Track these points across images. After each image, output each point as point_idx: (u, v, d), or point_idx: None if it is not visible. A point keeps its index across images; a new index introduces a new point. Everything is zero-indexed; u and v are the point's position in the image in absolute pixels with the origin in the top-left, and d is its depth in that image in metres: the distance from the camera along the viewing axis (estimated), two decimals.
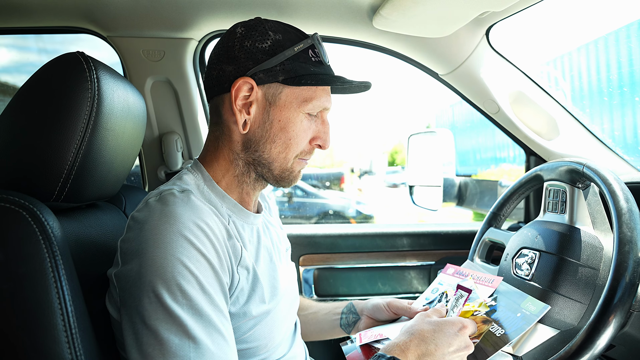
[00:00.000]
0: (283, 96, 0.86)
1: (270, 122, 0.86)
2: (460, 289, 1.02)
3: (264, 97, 0.86)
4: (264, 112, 0.86)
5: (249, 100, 0.85)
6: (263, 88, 0.86)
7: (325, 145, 0.93)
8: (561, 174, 1.07)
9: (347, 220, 7.86)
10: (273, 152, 0.87)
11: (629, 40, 3.06)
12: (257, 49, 0.84)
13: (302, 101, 0.87)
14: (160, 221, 0.71)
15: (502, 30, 1.44)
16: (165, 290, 0.66)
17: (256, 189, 0.94)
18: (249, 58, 0.84)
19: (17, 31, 1.46)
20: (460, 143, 9.02)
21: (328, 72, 0.90)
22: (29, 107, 0.76)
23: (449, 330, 0.87)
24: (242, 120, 0.86)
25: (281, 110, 0.86)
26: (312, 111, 0.88)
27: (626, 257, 0.80)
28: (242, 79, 0.84)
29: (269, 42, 0.85)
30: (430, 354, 0.83)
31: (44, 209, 0.65)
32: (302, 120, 0.88)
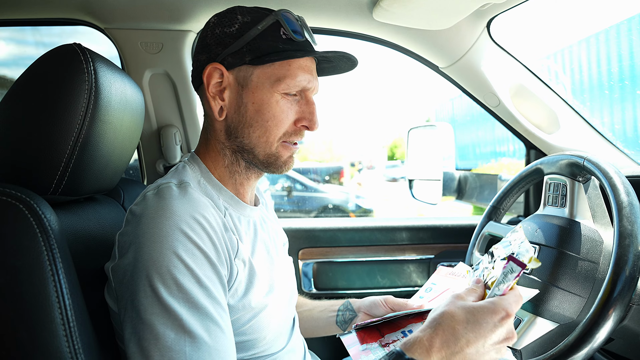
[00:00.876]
0: (254, 78, 0.85)
1: (245, 106, 0.85)
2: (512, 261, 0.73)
3: (236, 81, 0.86)
4: (238, 96, 0.86)
5: (222, 86, 0.86)
6: (234, 72, 0.85)
7: (312, 126, 0.89)
8: (562, 167, 1.06)
9: (347, 214, 7.87)
10: (253, 136, 0.86)
11: (630, 34, 3.05)
12: (225, 33, 0.85)
13: (274, 81, 0.84)
14: (157, 214, 0.71)
15: (503, 23, 1.43)
16: (162, 284, 0.66)
17: (250, 179, 0.93)
18: (218, 44, 0.85)
19: (14, 23, 1.45)
20: (460, 137, 9.02)
21: (301, 49, 0.86)
22: (25, 99, 0.75)
23: (488, 321, 0.68)
24: (217, 107, 0.87)
25: (253, 92, 0.85)
26: (288, 90, 0.85)
27: (626, 250, 0.80)
28: (211, 65, 0.85)
29: (236, 25, 0.84)
30: (460, 351, 0.67)
31: (42, 202, 0.65)
32: (278, 101, 0.85)
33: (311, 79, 0.88)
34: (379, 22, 1.34)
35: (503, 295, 0.72)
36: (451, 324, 0.69)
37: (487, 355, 0.69)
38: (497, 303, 0.70)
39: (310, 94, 0.90)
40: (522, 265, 0.71)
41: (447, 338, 0.68)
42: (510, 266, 0.71)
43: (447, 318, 0.70)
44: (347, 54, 0.90)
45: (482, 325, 0.68)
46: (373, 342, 0.94)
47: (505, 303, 0.70)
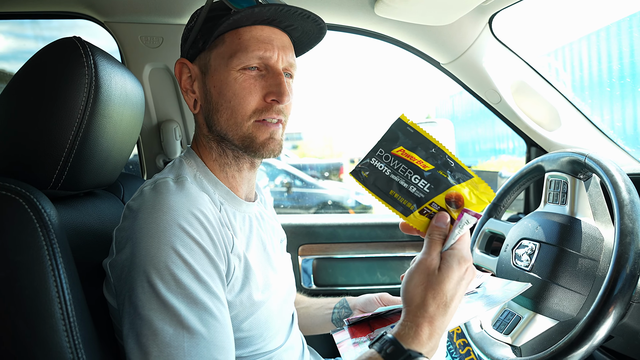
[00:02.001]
0: (212, 61, 0.86)
1: (209, 92, 0.86)
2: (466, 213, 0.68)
3: (200, 71, 0.88)
4: (203, 85, 0.88)
5: (192, 79, 0.89)
6: (196, 62, 0.88)
7: (280, 97, 0.83)
8: (563, 164, 1.06)
9: (346, 210, 7.87)
10: (222, 120, 0.85)
11: (631, 31, 3.04)
12: (187, 29, 0.89)
13: (227, 58, 0.83)
14: (155, 210, 0.71)
15: (505, 19, 1.43)
16: (159, 279, 0.66)
17: (242, 170, 0.92)
18: (184, 42, 0.90)
19: (13, 16, 1.44)
20: (460, 134, 9.00)
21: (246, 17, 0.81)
22: (25, 93, 0.75)
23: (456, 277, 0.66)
24: (191, 100, 0.90)
25: (213, 75, 0.86)
26: (243, 64, 0.82)
27: (627, 248, 0.80)
28: (178, 61, 0.89)
29: (195, 19, 0.88)
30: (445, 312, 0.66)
31: (41, 197, 0.64)
32: (236, 78, 0.83)
33: (268, 47, 0.83)
34: (380, 17, 1.33)
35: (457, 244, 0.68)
36: (430, 300, 0.66)
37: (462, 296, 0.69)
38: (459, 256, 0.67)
39: (275, 64, 0.85)
40: (476, 215, 0.67)
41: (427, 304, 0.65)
42: (466, 218, 0.67)
43: (426, 296, 0.66)
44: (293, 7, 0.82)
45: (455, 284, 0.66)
46: (362, 336, 0.94)
47: (464, 252, 0.68)
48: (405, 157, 0.70)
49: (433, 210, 0.70)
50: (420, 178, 0.69)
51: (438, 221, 0.69)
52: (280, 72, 0.85)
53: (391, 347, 0.64)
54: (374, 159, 0.71)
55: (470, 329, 1.09)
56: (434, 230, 0.69)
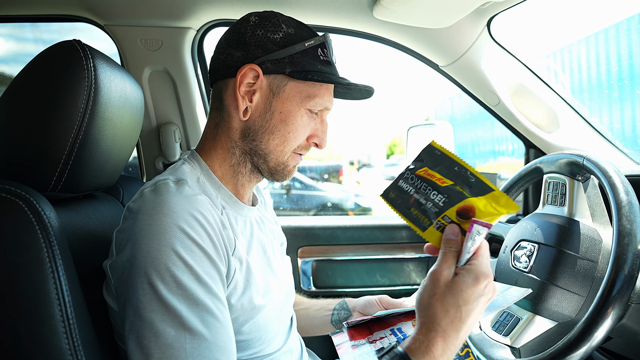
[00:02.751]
0: (287, 89, 0.86)
1: (272, 113, 0.87)
2: (476, 224, 0.66)
3: (268, 87, 0.87)
4: (267, 101, 0.87)
5: (252, 88, 0.86)
6: (269, 78, 0.86)
7: (322, 144, 0.93)
8: (561, 166, 1.06)
9: (346, 212, 7.87)
10: (271, 143, 0.88)
11: (630, 33, 3.05)
12: (269, 39, 0.85)
13: (305, 96, 0.87)
14: (154, 211, 0.71)
15: (504, 22, 1.43)
16: (160, 281, 0.66)
17: (251, 181, 0.94)
18: (259, 46, 0.85)
19: (13, 19, 1.44)
20: (459, 136, 9.01)
21: (334, 73, 0.91)
22: (24, 96, 0.75)
23: (474, 292, 0.65)
24: (243, 106, 0.87)
25: (284, 102, 0.86)
26: (313, 108, 0.88)
27: (625, 249, 0.80)
28: (249, 65, 0.84)
29: (281, 33, 0.85)
30: (461, 327, 0.65)
31: (41, 199, 0.64)
32: (303, 116, 0.88)
33: (332, 100, 0.93)
34: (379, 20, 1.34)
35: (474, 258, 0.67)
36: (443, 314, 0.65)
37: (480, 314, 0.68)
38: (476, 272, 0.66)
39: (326, 114, 0.94)
40: (487, 225, 0.66)
41: (438, 319, 0.65)
42: (476, 229, 0.66)
43: (438, 309, 0.65)
44: (370, 88, 0.94)
45: (472, 300, 0.65)
46: (361, 338, 0.95)
47: (483, 267, 0.67)
48: (427, 176, 0.72)
49: (445, 223, 0.69)
50: (437, 193, 0.70)
51: (447, 233, 0.68)
52: (327, 123, 0.95)
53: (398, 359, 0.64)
54: (401, 181, 0.75)
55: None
56: (444, 243, 0.68)
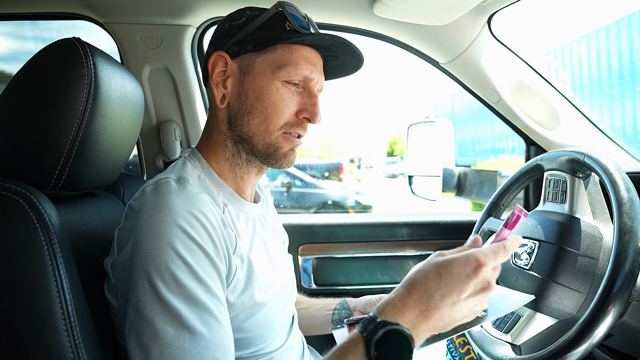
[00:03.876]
0: (256, 65, 0.86)
1: (246, 93, 0.86)
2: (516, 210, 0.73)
3: (239, 69, 0.87)
4: (240, 84, 0.87)
5: (226, 75, 0.88)
6: (237, 60, 0.87)
7: (313, 118, 0.88)
8: (562, 163, 1.06)
9: (346, 210, 7.87)
10: (252, 124, 0.86)
11: (630, 30, 3.04)
12: (232, 25, 0.88)
13: (275, 68, 0.85)
14: (155, 210, 0.71)
15: (504, 19, 1.43)
16: (160, 280, 0.66)
17: (250, 173, 0.93)
18: (225, 36, 0.88)
19: (13, 17, 1.44)
20: (460, 133, 9.01)
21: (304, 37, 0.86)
22: (24, 94, 0.75)
23: (460, 272, 0.66)
24: (220, 95, 0.88)
25: (254, 79, 0.86)
26: (289, 78, 0.85)
27: (626, 246, 0.80)
28: (216, 53, 0.87)
29: (244, 18, 0.87)
30: (435, 307, 0.65)
31: (41, 197, 0.64)
32: (279, 89, 0.85)
33: (314, 69, 0.88)
34: (379, 17, 1.34)
35: (496, 242, 0.73)
36: (424, 281, 0.67)
37: (466, 308, 0.68)
38: (470, 254, 0.68)
39: (313, 86, 0.90)
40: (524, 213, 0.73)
41: (420, 296, 0.65)
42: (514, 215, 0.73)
43: (419, 277, 0.68)
44: (349, 42, 0.88)
45: (455, 277, 0.66)
46: None
47: (479, 253, 0.68)
48: None
49: None
50: None
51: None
52: (317, 95, 0.90)
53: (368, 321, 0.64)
54: None
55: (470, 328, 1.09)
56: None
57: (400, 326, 0.62)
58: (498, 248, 0.71)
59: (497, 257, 0.70)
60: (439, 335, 0.75)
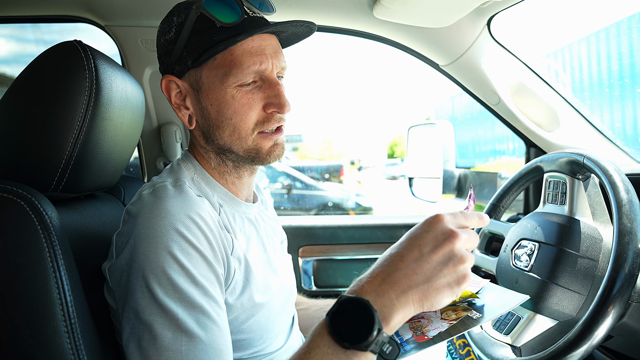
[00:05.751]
0: (204, 79, 0.81)
1: (206, 109, 0.83)
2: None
3: (191, 88, 0.84)
4: (197, 101, 0.84)
5: (183, 95, 0.85)
6: (186, 78, 0.83)
7: (281, 108, 0.82)
8: (561, 165, 1.06)
9: (346, 212, 7.87)
10: (225, 136, 0.84)
11: (631, 32, 3.05)
12: (167, 41, 0.82)
13: (222, 76, 0.79)
14: (152, 215, 0.71)
15: (504, 21, 1.43)
16: (157, 284, 0.66)
17: (242, 177, 0.91)
18: (165, 54, 0.84)
19: (14, 20, 1.45)
20: (460, 135, 9.01)
21: (238, 32, 0.78)
22: (26, 96, 0.75)
23: (416, 231, 0.63)
24: (185, 117, 0.86)
25: (207, 94, 0.81)
26: (240, 81, 0.80)
27: (626, 248, 0.80)
28: (164, 78, 0.84)
29: (173, 29, 0.81)
30: (396, 269, 0.60)
31: (43, 199, 0.65)
32: (234, 95, 0.80)
33: (263, 59, 0.80)
34: (379, 19, 1.34)
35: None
36: (386, 253, 0.64)
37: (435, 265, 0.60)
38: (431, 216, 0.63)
39: (271, 74, 0.83)
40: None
41: (381, 264, 0.62)
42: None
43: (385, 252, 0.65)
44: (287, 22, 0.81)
45: (412, 236, 0.62)
46: None
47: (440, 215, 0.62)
48: None
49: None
50: None
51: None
52: (277, 82, 0.83)
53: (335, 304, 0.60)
54: None
55: (470, 330, 1.09)
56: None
57: (357, 296, 0.58)
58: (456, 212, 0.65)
59: (456, 216, 0.63)
60: (432, 339, 0.73)
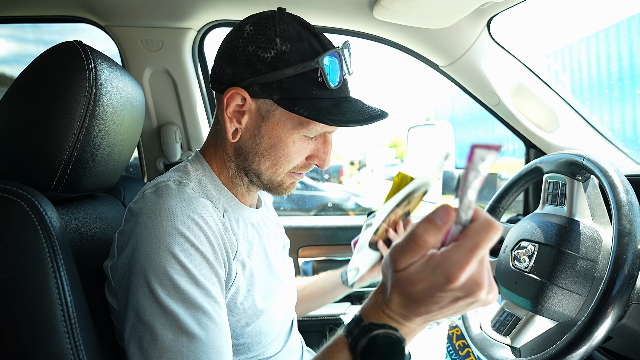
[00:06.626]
0: (277, 114, 0.80)
1: (261, 137, 0.82)
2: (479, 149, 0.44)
3: (257, 111, 0.81)
4: (256, 125, 0.82)
5: (242, 109, 0.81)
6: (257, 102, 0.80)
7: (322, 166, 0.86)
8: (561, 166, 1.06)
9: (346, 212, 7.87)
10: (262, 165, 0.84)
11: (630, 33, 3.05)
12: (259, 58, 0.77)
13: (297, 123, 0.80)
14: (154, 214, 0.71)
15: (503, 22, 1.44)
16: (158, 284, 0.66)
17: (250, 191, 0.92)
18: (248, 66, 0.78)
19: (15, 20, 1.45)
20: (460, 136, 9.01)
21: (332, 96, 0.80)
22: (26, 96, 0.75)
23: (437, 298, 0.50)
24: (232, 129, 0.82)
25: (273, 128, 0.81)
26: (308, 134, 0.82)
27: (625, 249, 0.80)
28: (235, 89, 0.79)
29: (272, 52, 0.76)
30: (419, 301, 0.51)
31: (43, 199, 0.65)
32: (296, 142, 0.82)
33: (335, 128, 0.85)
34: (379, 20, 1.34)
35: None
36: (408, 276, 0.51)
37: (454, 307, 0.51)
38: (413, 232, 0.50)
39: (330, 135, 0.87)
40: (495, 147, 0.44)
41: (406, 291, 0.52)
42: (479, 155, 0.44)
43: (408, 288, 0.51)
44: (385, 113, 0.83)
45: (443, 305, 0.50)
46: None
47: (420, 229, 0.49)
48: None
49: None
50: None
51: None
52: (331, 143, 0.87)
53: (354, 324, 0.56)
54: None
55: (470, 330, 1.09)
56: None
57: (389, 328, 0.53)
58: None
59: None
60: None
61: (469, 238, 0.47)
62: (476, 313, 1.12)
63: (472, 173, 0.45)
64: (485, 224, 0.48)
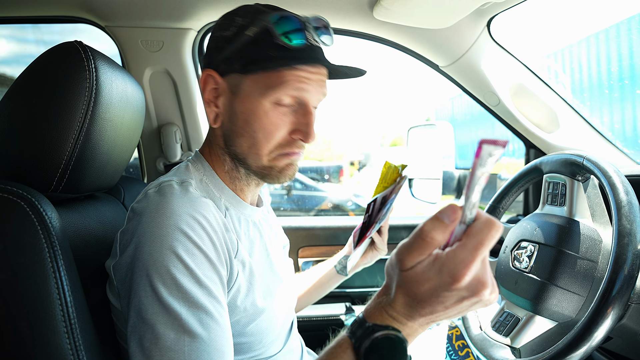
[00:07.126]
0: (245, 86, 0.81)
1: (236, 115, 0.82)
2: (485, 144, 0.44)
3: (229, 89, 0.83)
4: (230, 104, 0.83)
5: (218, 93, 0.84)
6: (227, 79, 0.82)
7: (306, 138, 0.83)
8: (561, 166, 1.06)
9: (346, 212, 7.86)
10: (244, 146, 0.83)
11: (630, 33, 3.05)
12: (222, 37, 0.82)
13: (264, 89, 0.79)
14: (157, 213, 0.71)
15: (504, 22, 1.44)
16: (161, 283, 0.66)
17: (250, 185, 0.91)
18: (215, 48, 0.83)
19: (15, 21, 1.45)
20: (460, 136, 9.00)
21: (296, 56, 0.79)
22: (26, 97, 0.75)
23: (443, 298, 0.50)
24: (212, 114, 0.85)
25: (243, 101, 0.81)
26: (278, 100, 0.80)
27: (625, 249, 0.80)
28: (205, 71, 0.83)
29: (232, 29, 0.80)
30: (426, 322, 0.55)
31: (43, 200, 0.65)
32: (267, 112, 0.80)
33: (309, 87, 0.81)
34: (379, 20, 1.34)
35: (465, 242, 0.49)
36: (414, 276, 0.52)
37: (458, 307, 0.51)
38: (420, 230, 0.50)
39: (309, 101, 0.83)
40: (502, 143, 0.45)
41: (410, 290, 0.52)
42: (487, 151, 0.45)
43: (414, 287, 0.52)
44: (349, 67, 0.83)
45: (449, 304, 0.51)
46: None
47: (427, 227, 0.50)
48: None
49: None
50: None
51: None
52: (312, 112, 0.83)
53: (357, 325, 0.56)
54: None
55: (470, 331, 1.09)
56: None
57: (392, 329, 0.54)
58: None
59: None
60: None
61: (472, 237, 0.49)
62: (476, 313, 1.12)
63: (479, 169, 0.46)
64: (487, 222, 0.49)
